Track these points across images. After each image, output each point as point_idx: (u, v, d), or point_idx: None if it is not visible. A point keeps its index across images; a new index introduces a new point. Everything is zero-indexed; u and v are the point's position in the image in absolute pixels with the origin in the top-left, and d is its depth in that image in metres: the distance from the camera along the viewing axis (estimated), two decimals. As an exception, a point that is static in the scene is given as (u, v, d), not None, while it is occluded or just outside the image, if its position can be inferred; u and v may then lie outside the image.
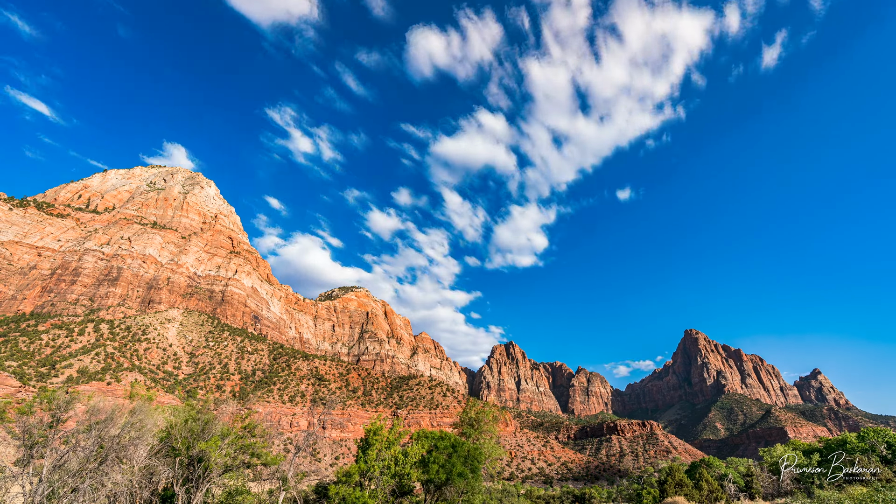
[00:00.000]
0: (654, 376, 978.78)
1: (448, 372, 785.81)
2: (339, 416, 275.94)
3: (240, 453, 37.05)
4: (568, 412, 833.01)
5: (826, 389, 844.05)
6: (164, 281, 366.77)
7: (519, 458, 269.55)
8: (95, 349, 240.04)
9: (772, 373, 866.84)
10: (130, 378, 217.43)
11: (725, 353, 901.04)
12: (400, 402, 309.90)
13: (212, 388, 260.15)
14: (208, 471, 35.45)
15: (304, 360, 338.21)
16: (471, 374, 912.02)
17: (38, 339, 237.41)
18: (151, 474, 32.86)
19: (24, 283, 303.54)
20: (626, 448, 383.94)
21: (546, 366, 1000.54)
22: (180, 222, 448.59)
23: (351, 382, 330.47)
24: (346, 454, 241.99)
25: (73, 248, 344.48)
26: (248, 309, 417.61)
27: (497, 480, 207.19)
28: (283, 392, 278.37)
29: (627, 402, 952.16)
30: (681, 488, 62.76)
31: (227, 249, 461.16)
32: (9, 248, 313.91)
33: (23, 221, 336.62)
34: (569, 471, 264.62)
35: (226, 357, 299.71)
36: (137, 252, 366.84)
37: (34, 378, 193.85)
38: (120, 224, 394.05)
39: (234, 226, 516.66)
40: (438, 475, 40.21)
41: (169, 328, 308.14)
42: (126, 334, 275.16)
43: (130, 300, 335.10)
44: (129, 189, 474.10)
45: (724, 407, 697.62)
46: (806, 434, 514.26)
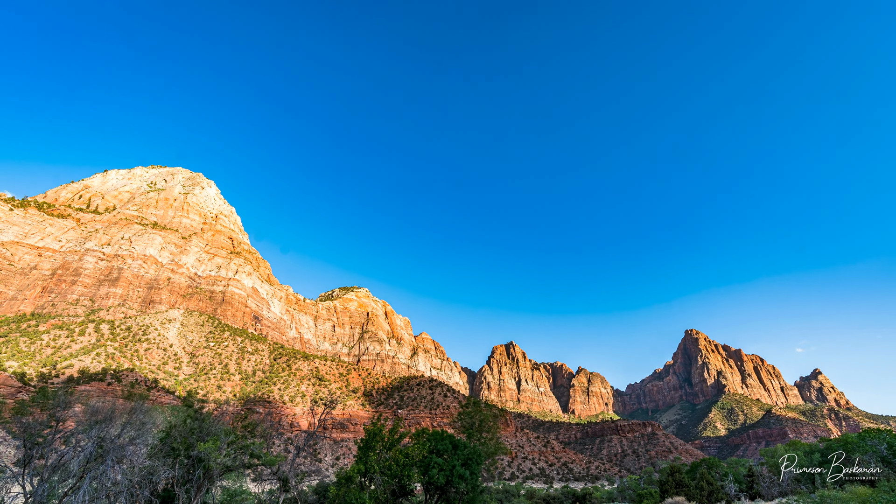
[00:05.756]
0: (655, 376, 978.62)
1: (448, 372, 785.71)
2: (340, 416, 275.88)
3: (240, 454, 37.01)
4: (568, 412, 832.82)
5: (826, 389, 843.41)
6: (164, 281, 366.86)
7: (520, 459, 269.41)
8: (96, 349, 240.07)
9: (772, 373, 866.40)
10: (131, 378, 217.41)
11: (726, 354, 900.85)
12: (400, 402, 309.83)
13: (212, 388, 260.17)
14: (208, 471, 35.40)
15: (304, 360, 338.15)
16: (471, 374, 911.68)
17: (39, 339, 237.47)
18: (151, 474, 32.80)
19: (24, 284, 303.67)
20: (626, 448, 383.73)
21: (546, 366, 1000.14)
22: (181, 222, 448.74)
23: (351, 383, 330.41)
24: (346, 454, 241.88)
25: (74, 248, 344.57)
26: (249, 309, 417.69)
27: (498, 480, 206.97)
28: (284, 392, 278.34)
29: (628, 402, 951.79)
30: (681, 488, 62.68)
31: (227, 250, 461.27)
32: (9, 249, 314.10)
33: (23, 222, 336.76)
34: (569, 471, 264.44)
35: (226, 357, 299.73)
36: (138, 252, 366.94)
37: (35, 378, 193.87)
38: (120, 224, 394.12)
39: (235, 226, 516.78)
40: (439, 476, 40.15)
41: (169, 328, 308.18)
42: (126, 334, 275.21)
43: (131, 300, 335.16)
44: (130, 189, 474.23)
45: (725, 407, 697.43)
46: (806, 434, 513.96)
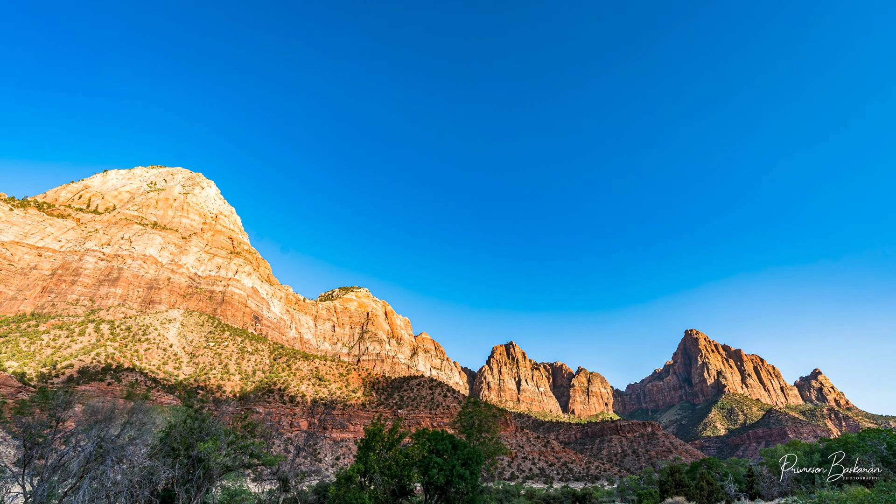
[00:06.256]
0: (655, 376, 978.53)
1: (448, 372, 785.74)
2: (340, 416, 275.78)
3: (240, 454, 37.00)
4: (568, 412, 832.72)
5: (826, 389, 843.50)
6: (164, 281, 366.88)
7: (519, 459, 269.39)
8: (96, 349, 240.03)
9: (772, 373, 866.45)
10: (131, 378, 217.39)
11: (726, 353, 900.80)
12: (400, 402, 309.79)
13: (212, 388, 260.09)
14: (208, 471, 35.40)
15: (304, 360, 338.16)
16: (471, 374, 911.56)
17: (39, 339, 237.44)
18: (151, 474, 32.80)
19: (24, 284, 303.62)
20: (626, 448, 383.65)
21: (546, 366, 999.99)
22: (181, 222, 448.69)
23: (351, 383, 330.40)
24: (346, 454, 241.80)
25: (74, 248, 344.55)
26: (249, 309, 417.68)
27: (498, 480, 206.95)
28: (284, 392, 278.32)
29: (628, 402, 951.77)
30: (681, 488, 62.69)
31: (227, 250, 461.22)
32: (9, 249, 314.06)
33: (23, 222, 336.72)
34: (569, 471, 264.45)
35: (226, 357, 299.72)
36: (138, 252, 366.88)
37: (35, 378, 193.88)
38: (120, 224, 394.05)
39: (235, 226, 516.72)
40: (438, 476, 40.15)
41: (169, 328, 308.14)
42: (126, 334, 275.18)
43: (131, 300, 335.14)
44: (130, 189, 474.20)
45: (725, 407, 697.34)
46: (806, 434, 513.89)
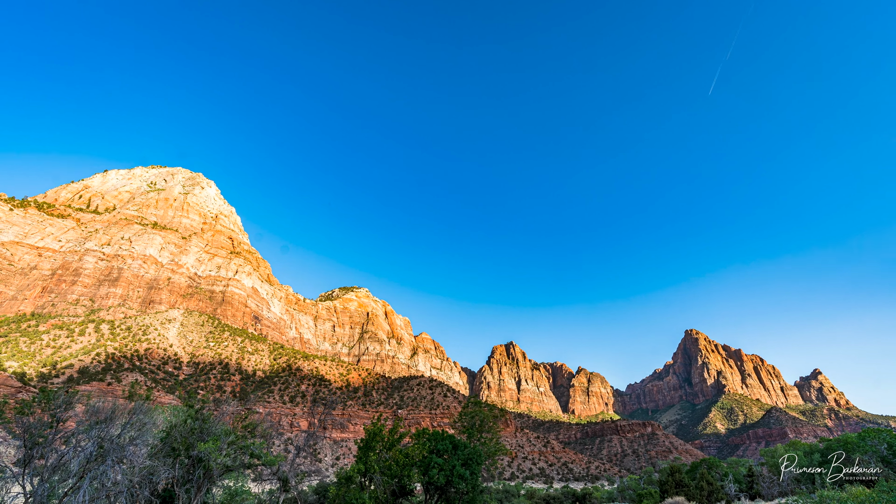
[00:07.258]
0: (655, 376, 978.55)
1: (448, 372, 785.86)
2: (340, 416, 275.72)
3: (240, 454, 36.98)
4: (568, 412, 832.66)
5: (826, 389, 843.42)
6: (164, 281, 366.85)
7: (520, 459, 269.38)
8: (96, 349, 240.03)
9: (772, 373, 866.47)
10: (131, 378, 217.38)
11: (726, 353, 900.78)
12: (400, 402, 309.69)
13: (212, 388, 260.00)
14: (209, 471, 35.39)
15: (304, 360, 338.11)
16: (471, 374, 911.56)
17: (39, 339, 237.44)
18: (151, 474, 32.78)
19: (24, 284, 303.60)
20: (626, 448, 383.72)
21: (546, 366, 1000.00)
22: (181, 223, 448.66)
23: (351, 383, 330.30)
24: (346, 454, 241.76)
25: (74, 248, 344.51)
26: (249, 309, 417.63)
27: (498, 480, 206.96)
28: (284, 392, 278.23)
29: (628, 402, 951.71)
30: (681, 488, 62.68)
31: (227, 250, 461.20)
32: (9, 249, 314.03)
33: (23, 222, 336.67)
34: (570, 471, 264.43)
35: (226, 357, 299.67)
36: (138, 252, 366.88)
37: (35, 378, 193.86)
38: (120, 224, 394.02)
39: (235, 226, 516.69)
40: (439, 477, 40.15)
41: (169, 328, 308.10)
42: (127, 335, 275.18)
43: (131, 300, 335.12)
44: (130, 189, 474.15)
45: (725, 407, 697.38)
46: (806, 434, 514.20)
